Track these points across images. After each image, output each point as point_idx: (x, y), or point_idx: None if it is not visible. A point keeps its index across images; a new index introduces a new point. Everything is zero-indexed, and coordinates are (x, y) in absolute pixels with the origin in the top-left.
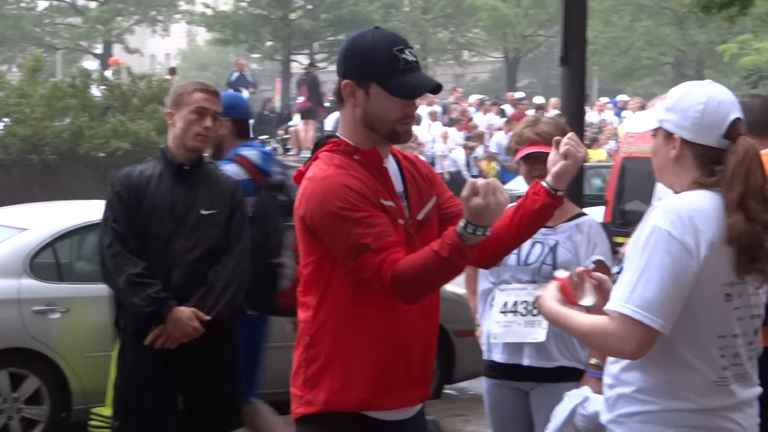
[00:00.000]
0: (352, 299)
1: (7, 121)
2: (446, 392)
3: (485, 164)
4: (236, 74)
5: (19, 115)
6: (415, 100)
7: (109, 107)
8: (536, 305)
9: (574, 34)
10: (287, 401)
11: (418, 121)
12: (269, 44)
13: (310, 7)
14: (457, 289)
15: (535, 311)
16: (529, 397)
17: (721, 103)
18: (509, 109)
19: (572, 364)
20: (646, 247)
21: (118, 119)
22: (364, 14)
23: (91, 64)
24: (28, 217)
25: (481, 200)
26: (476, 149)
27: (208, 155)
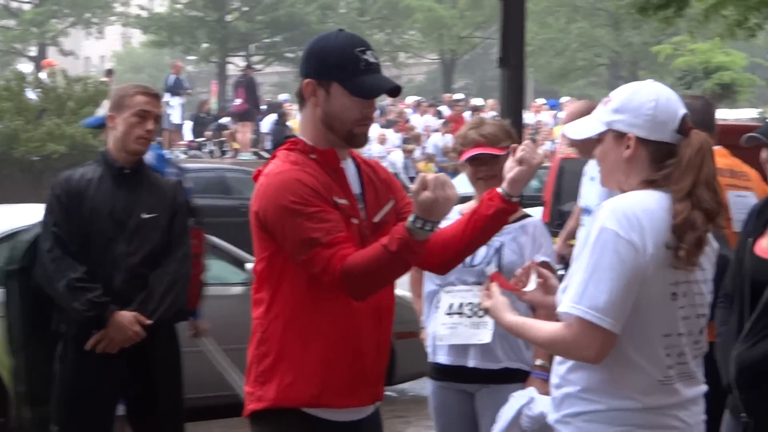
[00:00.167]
0: (304, 296)
1: None
2: (387, 394)
3: (423, 165)
4: (173, 77)
5: None
6: (373, 101)
7: (44, 110)
8: (488, 315)
9: (512, 35)
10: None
11: None
12: (205, 46)
13: (246, 9)
14: (397, 290)
15: (480, 313)
16: (474, 398)
17: (669, 99)
18: (446, 110)
19: (517, 365)
20: (594, 247)
21: (53, 122)
22: (300, 16)
23: (25, 66)
24: None
25: (430, 194)
26: (414, 151)
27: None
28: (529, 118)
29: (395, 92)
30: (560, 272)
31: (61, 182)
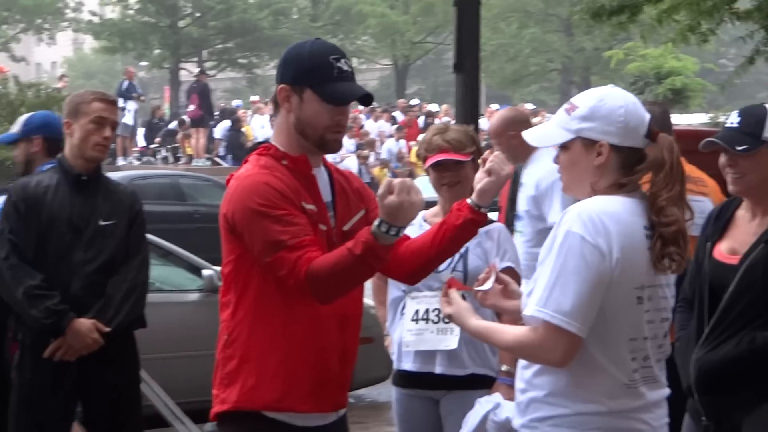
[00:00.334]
0: (269, 300)
1: None
2: None
3: (377, 171)
4: (126, 82)
5: None
6: (345, 108)
7: None
8: (452, 322)
9: (467, 41)
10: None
11: None
12: (157, 52)
13: (198, 14)
14: None
15: (447, 318)
16: (438, 405)
17: (636, 104)
18: (400, 116)
19: (483, 371)
20: (560, 251)
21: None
22: (253, 22)
23: None
24: None
25: (395, 198)
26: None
27: (19, 172)
28: (484, 123)
29: (367, 100)
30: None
31: (17, 189)
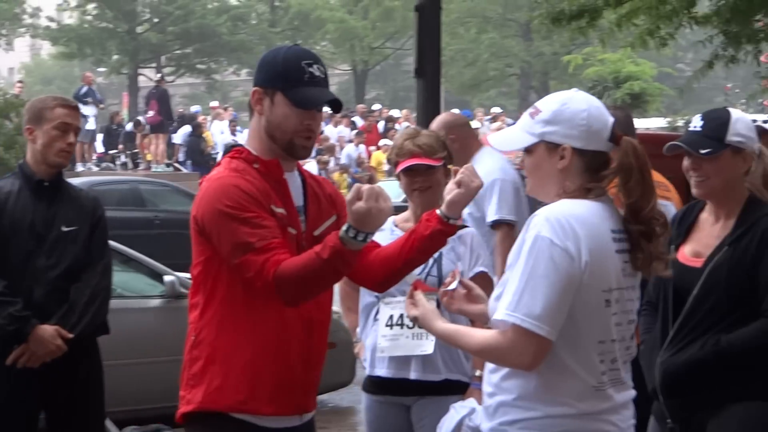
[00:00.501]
0: (237, 302)
1: None
2: None
3: (337, 176)
4: (85, 88)
5: None
6: (316, 114)
7: None
8: (417, 325)
9: (428, 46)
10: None
11: None
12: (116, 58)
13: (156, 20)
14: None
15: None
16: (410, 411)
17: (599, 108)
18: (359, 121)
19: (457, 377)
20: (529, 255)
21: None
22: (211, 27)
23: None
24: None
25: (363, 205)
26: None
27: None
28: None
29: (336, 105)
30: None
31: None
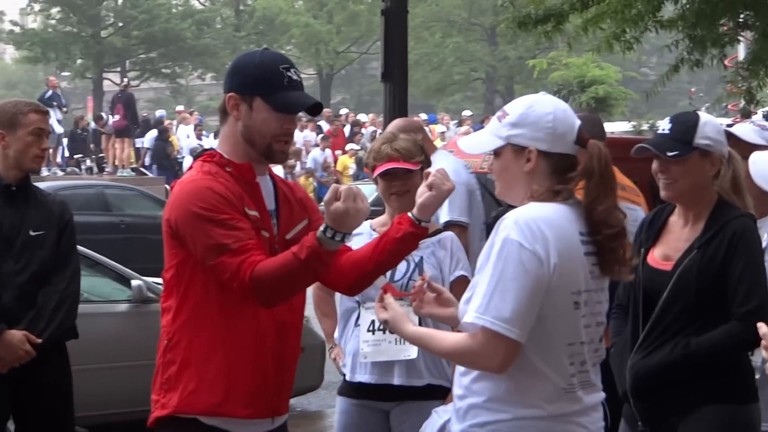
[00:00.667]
0: (210, 305)
1: None
2: None
3: (303, 180)
4: (50, 92)
5: None
6: (294, 117)
7: None
8: (388, 328)
9: (394, 50)
10: None
11: None
12: (80, 62)
13: (121, 24)
14: None
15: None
16: (389, 416)
17: (565, 111)
18: (325, 125)
19: (440, 382)
20: (498, 259)
21: None
22: (176, 32)
23: None
24: None
25: (341, 205)
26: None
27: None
28: None
29: (316, 109)
30: None
31: None
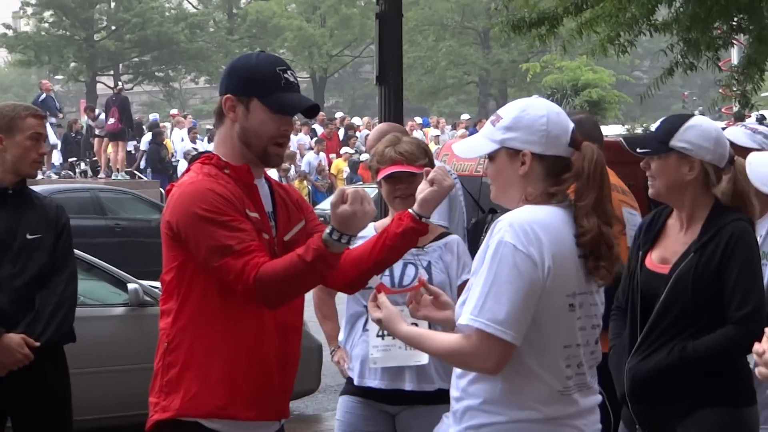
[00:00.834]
0: (212, 307)
1: None
2: None
3: (297, 183)
4: (43, 95)
5: None
6: (291, 119)
7: None
8: (381, 327)
9: (389, 53)
10: None
11: None
12: (73, 65)
13: (114, 28)
14: None
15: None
16: (395, 419)
17: (558, 114)
18: (319, 128)
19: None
20: (493, 261)
21: None
22: (169, 35)
23: None
24: None
25: (348, 208)
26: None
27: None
28: None
29: (313, 111)
30: None
31: None
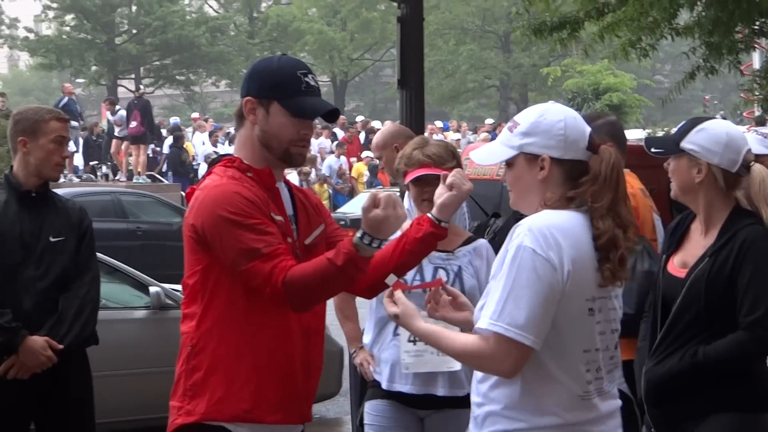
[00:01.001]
0: (237, 311)
1: None
2: None
3: (318, 187)
4: (65, 99)
5: None
6: (311, 122)
7: None
8: (397, 322)
9: (410, 57)
10: None
11: None
12: (94, 69)
13: (135, 31)
14: None
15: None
16: (423, 422)
17: (575, 118)
18: (340, 132)
19: None
20: (512, 265)
21: None
22: (190, 38)
23: None
24: None
25: (381, 212)
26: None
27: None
28: None
29: (333, 115)
30: None
31: None
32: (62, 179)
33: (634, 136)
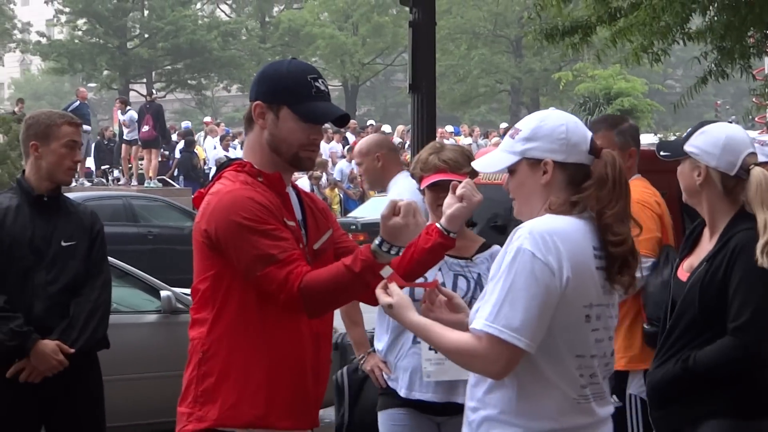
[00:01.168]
0: (249, 317)
1: None
2: None
3: (329, 192)
4: (77, 102)
5: None
6: (320, 127)
7: None
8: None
9: (422, 61)
10: None
11: None
12: (106, 73)
13: (147, 36)
14: None
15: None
16: (440, 427)
17: (576, 122)
18: (351, 137)
19: None
20: (510, 268)
21: None
22: (202, 43)
23: None
24: None
25: (401, 220)
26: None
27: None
28: None
29: (343, 120)
30: None
31: None
32: (74, 183)
33: (645, 140)
